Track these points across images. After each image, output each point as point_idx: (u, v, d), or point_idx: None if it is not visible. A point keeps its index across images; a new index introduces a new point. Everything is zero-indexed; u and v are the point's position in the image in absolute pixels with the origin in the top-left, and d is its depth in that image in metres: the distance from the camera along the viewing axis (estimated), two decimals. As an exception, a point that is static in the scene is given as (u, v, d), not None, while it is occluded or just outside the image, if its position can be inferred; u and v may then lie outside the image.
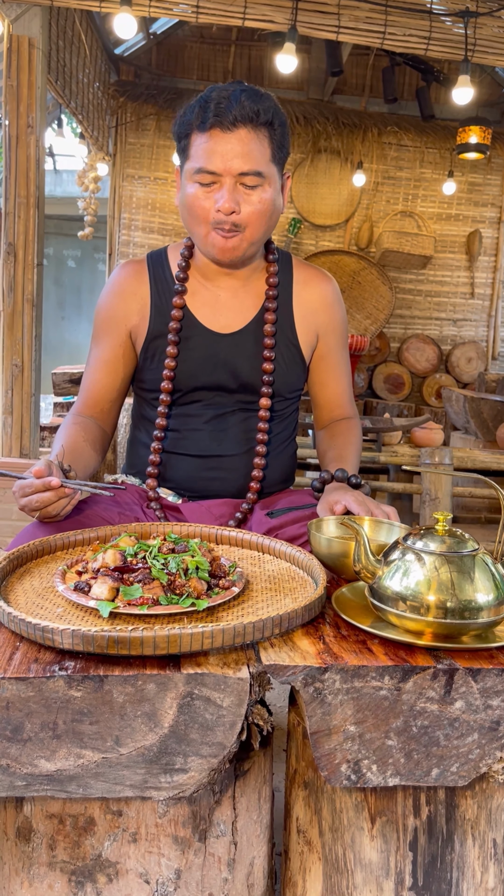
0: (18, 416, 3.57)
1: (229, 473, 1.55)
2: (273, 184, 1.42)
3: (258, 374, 1.53)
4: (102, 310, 1.57)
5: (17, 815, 0.93)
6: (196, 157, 1.38)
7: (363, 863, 0.97)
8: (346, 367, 1.67)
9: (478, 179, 6.65)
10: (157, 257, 1.59)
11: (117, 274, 1.58)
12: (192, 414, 1.55)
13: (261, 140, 1.38)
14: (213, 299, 1.54)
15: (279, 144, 1.42)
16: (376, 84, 6.51)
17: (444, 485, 3.33)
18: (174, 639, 0.87)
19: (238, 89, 1.37)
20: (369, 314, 6.38)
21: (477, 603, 0.94)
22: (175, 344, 1.51)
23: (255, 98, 1.37)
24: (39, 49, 3.47)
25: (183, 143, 1.42)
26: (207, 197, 1.39)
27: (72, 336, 10.90)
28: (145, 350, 1.55)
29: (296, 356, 1.58)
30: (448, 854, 0.98)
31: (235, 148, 1.35)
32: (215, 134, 1.36)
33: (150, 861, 0.93)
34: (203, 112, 1.36)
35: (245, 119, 1.35)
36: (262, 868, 1.01)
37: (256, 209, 1.40)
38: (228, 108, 1.34)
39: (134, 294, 1.55)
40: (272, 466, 1.59)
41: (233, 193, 1.37)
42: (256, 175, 1.38)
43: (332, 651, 0.93)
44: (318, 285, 1.60)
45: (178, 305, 1.52)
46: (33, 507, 1.24)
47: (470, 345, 6.72)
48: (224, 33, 6.55)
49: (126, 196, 6.34)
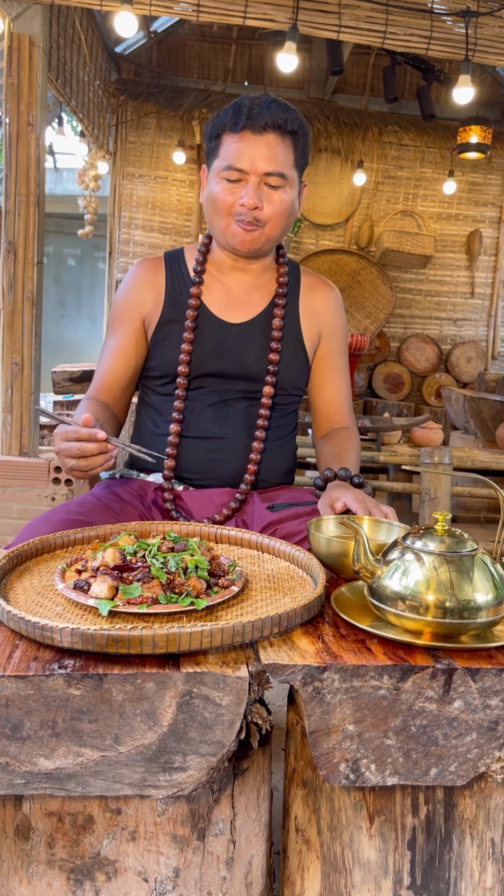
0: (18, 414, 3.57)
1: (229, 456, 1.59)
2: (293, 187, 1.53)
3: (263, 365, 1.60)
4: (118, 302, 1.66)
5: (16, 814, 0.94)
6: (226, 156, 1.48)
7: (361, 862, 0.97)
8: (345, 375, 1.73)
9: (478, 179, 6.65)
10: (174, 255, 1.68)
11: (135, 269, 1.67)
12: (197, 398, 1.60)
13: (286, 146, 1.49)
14: (225, 292, 1.62)
15: (301, 152, 1.54)
16: (377, 83, 6.50)
17: (444, 484, 3.33)
18: (173, 638, 0.87)
19: (269, 99, 1.50)
20: (369, 313, 6.38)
21: (476, 603, 0.95)
22: (192, 330, 1.58)
23: (284, 109, 1.50)
24: (40, 47, 3.47)
25: (213, 144, 1.53)
26: (233, 192, 1.49)
27: (72, 334, 10.90)
28: (156, 335, 1.61)
29: (300, 351, 1.65)
30: (446, 853, 0.98)
31: (263, 150, 1.47)
32: (246, 135, 1.47)
33: (148, 859, 0.93)
34: (236, 115, 1.48)
35: (274, 125, 1.47)
36: (261, 867, 1.01)
37: (277, 208, 1.51)
38: (260, 113, 1.46)
39: (150, 284, 1.63)
40: (271, 457, 1.62)
41: (257, 191, 1.48)
42: (280, 176, 1.49)
43: (331, 650, 0.93)
44: (323, 291, 1.70)
45: (196, 294, 1.60)
46: (72, 455, 1.22)
47: (470, 344, 6.72)
48: (225, 32, 6.54)
49: (126, 194, 6.34)
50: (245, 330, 1.60)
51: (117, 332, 1.63)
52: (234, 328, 1.60)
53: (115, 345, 1.63)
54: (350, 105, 6.60)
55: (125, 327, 1.62)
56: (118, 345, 1.62)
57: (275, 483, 1.65)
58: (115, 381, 1.62)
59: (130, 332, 1.62)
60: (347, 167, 6.39)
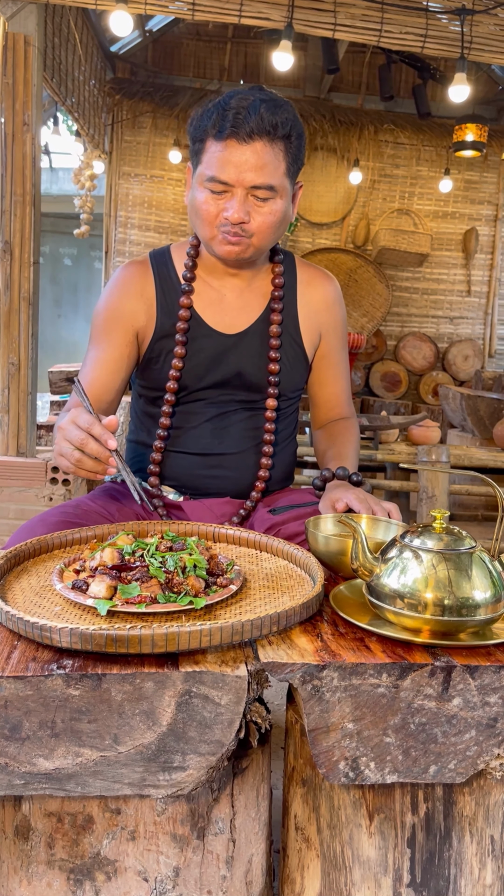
0: (15, 414, 3.57)
1: (230, 472, 1.55)
2: (285, 196, 1.42)
3: (263, 374, 1.54)
4: (104, 309, 1.54)
5: (15, 814, 0.93)
6: (209, 165, 1.37)
7: (361, 860, 0.97)
8: (345, 367, 1.68)
9: (474, 177, 6.65)
10: (160, 257, 1.57)
11: (121, 274, 1.56)
12: (194, 412, 1.55)
13: (276, 154, 1.37)
14: (218, 299, 1.54)
15: (294, 157, 1.42)
16: (373, 82, 6.50)
17: (441, 482, 3.33)
18: (172, 637, 0.87)
19: (258, 98, 1.35)
20: (366, 312, 6.38)
21: (474, 600, 0.95)
22: (182, 344, 1.50)
23: (274, 109, 1.35)
24: (35, 46, 3.46)
25: (197, 147, 1.41)
26: (217, 203, 1.39)
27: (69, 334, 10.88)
28: (150, 350, 1.53)
29: (299, 356, 1.59)
30: (446, 851, 0.98)
31: (250, 160, 1.34)
32: (231, 144, 1.34)
33: (148, 859, 0.93)
34: (221, 120, 1.34)
35: (262, 132, 1.34)
36: (261, 865, 1.01)
37: (266, 220, 1.40)
38: (247, 119, 1.33)
39: (140, 294, 1.53)
40: (275, 466, 1.59)
41: (243, 204, 1.37)
42: (268, 189, 1.37)
43: (330, 649, 0.93)
44: (321, 285, 1.61)
45: (186, 305, 1.51)
46: (71, 440, 1.15)
47: (466, 342, 6.72)
48: (220, 31, 6.54)
49: (122, 194, 6.33)
50: (242, 340, 1.53)
51: (104, 343, 1.52)
52: (231, 339, 1.52)
53: (101, 356, 1.52)
54: (346, 103, 6.59)
55: (115, 339, 1.51)
56: (105, 356, 1.51)
57: (276, 488, 1.62)
58: (101, 395, 1.49)
59: (122, 344, 1.51)
60: (343, 166, 6.38)
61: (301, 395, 1.67)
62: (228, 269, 1.51)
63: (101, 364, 1.52)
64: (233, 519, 1.51)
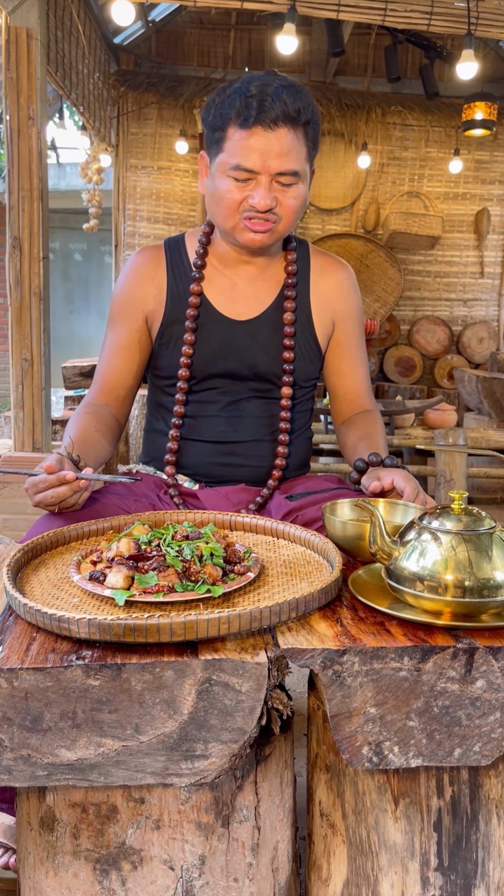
0: (30, 410, 3.58)
1: (245, 460, 1.55)
2: (306, 180, 1.44)
3: (273, 362, 1.53)
4: (118, 294, 1.57)
5: (40, 805, 0.94)
6: (233, 153, 1.36)
7: (388, 845, 0.97)
8: (363, 356, 1.66)
9: (484, 157, 6.56)
10: (174, 243, 1.59)
11: (134, 259, 1.58)
12: (207, 401, 1.55)
13: (299, 139, 1.38)
14: (229, 286, 1.54)
15: (313, 142, 1.43)
16: (379, 63, 6.43)
17: (459, 465, 3.31)
18: (191, 625, 0.87)
19: (279, 85, 1.35)
20: (378, 297, 6.33)
21: (496, 581, 0.93)
22: (192, 331, 1.51)
23: (295, 95, 1.36)
24: (38, 40, 3.45)
25: (217, 135, 1.40)
26: (241, 191, 1.39)
27: (81, 330, 10.90)
28: (161, 336, 1.54)
29: (312, 345, 1.58)
30: (473, 834, 0.97)
31: (275, 147, 1.35)
32: (256, 132, 1.34)
33: (174, 847, 0.93)
34: (245, 108, 1.34)
35: (287, 118, 1.34)
36: (287, 852, 1.01)
37: (291, 205, 1.41)
38: (272, 106, 1.33)
39: (151, 279, 1.55)
40: (291, 454, 1.58)
41: (269, 191, 1.38)
42: (293, 175, 1.39)
43: (350, 633, 0.92)
44: (335, 273, 1.60)
45: (196, 292, 1.52)
46: (49, 504, 1.24)
47: (481, 325, 6.66)
48: (223, 18, 6.48)
49: (130, 186, 6.32)
50: (253, 327, 1.53)
51: (118, 328, 1.55)
52: (242, 325, 1.52)
53: (116, 342, 1.55)
54: (352, 87, 6.52)
55: (127, 324, 1.55)
56: (120, 342, 1.55)
57: (292, 475, 1.61)
58: (118, 382, 1.55)
59: (133, 330, 1.54)
60: (351, 150, 6.33)
61: (315, 385, 1.65)
62: (242, 256, 1.51)
63: (116, 350, 1.55)
64: (250, 507, 1.50)
